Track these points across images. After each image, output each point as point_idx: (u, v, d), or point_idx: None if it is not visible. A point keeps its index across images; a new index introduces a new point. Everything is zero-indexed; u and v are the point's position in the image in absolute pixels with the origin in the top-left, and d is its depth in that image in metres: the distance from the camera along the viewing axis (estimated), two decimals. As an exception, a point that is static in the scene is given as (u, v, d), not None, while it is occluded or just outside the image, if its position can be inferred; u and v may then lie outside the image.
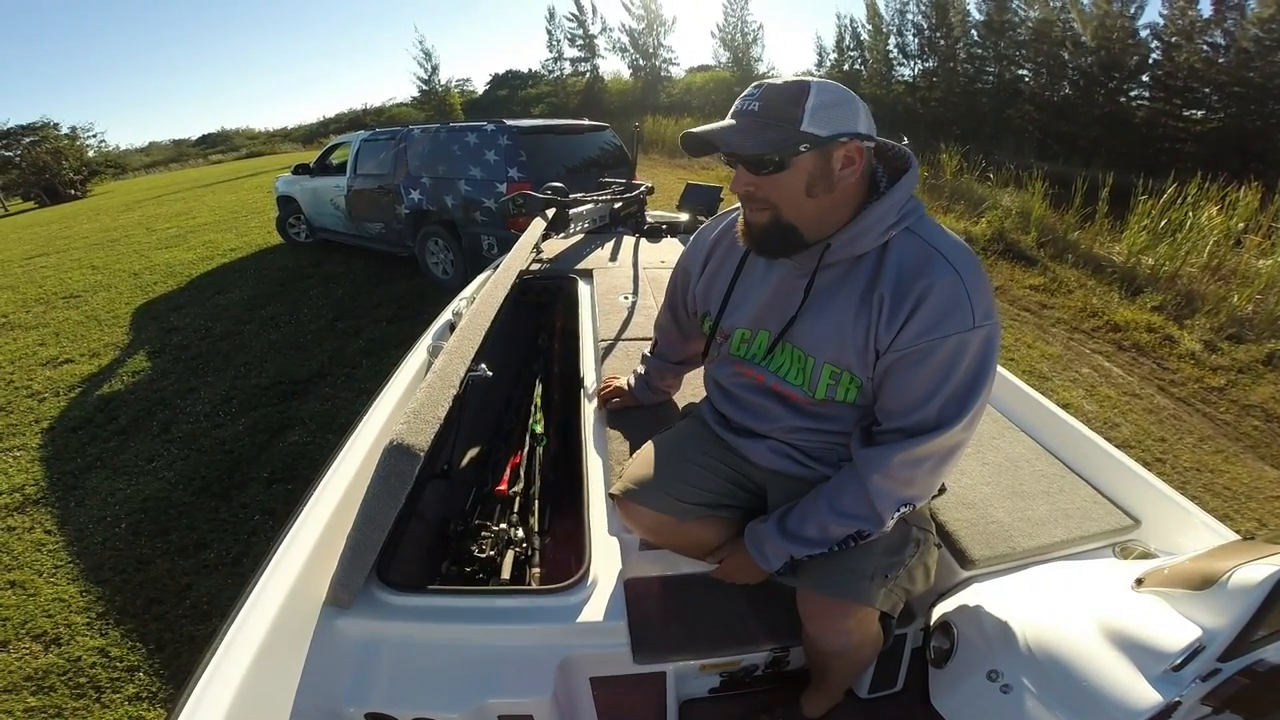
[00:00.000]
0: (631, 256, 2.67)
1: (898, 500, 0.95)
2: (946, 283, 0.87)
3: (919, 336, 0.88)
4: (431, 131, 5.32)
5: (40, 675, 1.97)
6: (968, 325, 0.86)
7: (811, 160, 0.88)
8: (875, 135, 0.91)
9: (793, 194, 0.91)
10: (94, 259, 8.18)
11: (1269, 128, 11.44)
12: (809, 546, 1.01)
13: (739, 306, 1.11)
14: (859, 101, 0.90)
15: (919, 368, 0.89)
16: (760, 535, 1.07)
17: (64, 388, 4.15)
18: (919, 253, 0.91)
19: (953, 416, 0.89)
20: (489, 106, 28.23)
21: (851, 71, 20.47)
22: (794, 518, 1.03)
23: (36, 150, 26.22)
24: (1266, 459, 3.17)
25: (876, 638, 1.09)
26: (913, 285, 0.88)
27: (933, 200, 8.49)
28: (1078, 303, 5.12)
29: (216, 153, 42.00)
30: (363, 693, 0.95)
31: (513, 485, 1.55)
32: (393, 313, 5.01)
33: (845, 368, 0.98)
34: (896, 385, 0.93)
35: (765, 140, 0.87)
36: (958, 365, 0.88)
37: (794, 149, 0.87)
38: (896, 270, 0.91)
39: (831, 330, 0.97)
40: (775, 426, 1.11)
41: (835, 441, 1.08)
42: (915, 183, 0.94)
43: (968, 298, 0.87)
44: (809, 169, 0.89)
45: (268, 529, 2.57)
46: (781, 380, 1.06)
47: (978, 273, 0.89)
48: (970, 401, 0.89)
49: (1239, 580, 0.76)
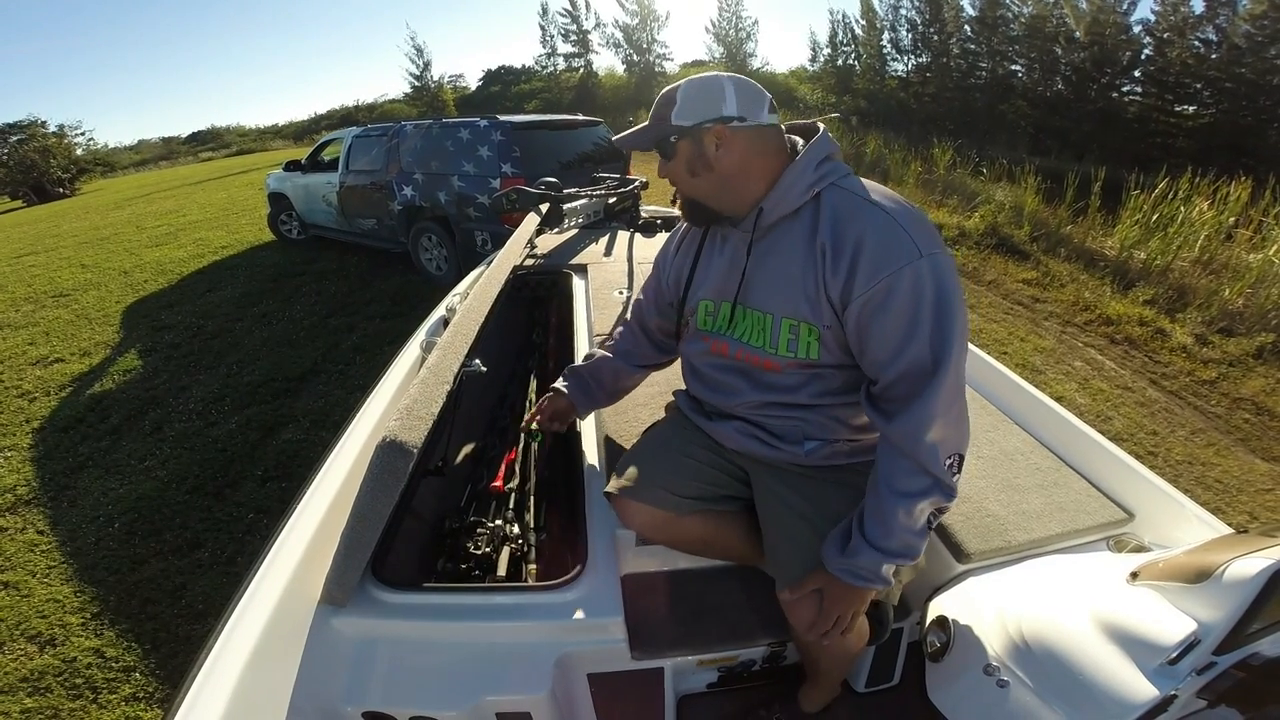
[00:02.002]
0: (626, 251, 2.66)
1: (944, 457, 0.94)
2: (878, 223, 0.93)
3: (871, 278, 0.91)
4: (424, 127, 5.29)
5: (36, 676, 1.96)
6: (914, 255, 0.90)
7: (686, 146, 1.02)
8: (749, 114, 1.00)
9: (680, 175, 1.06)
10: (84, 257, 8.11)
11: (1260, 123, 11.48)
12: (910, 548, 0.96)
13: (701, 282, 1.18)
14: (725, 88, 0.99)
15: (886, 309, 0.92)
16: (855, 566, 0.97)
17: (55, 387, 4.11)
18: (849, 201, 0.98)
19: (942, 347, 0.91)
20: (482, 102, 28.07)
21: (845, 67, 20.45)
22: (874, 529, 0.96)
23: (24, 148, 25.88)
24: (1257, 452, 3.20)
25: (860, 630, 1.09)
26: (847, 231, 0.94)
27: (926, 195, 8.51)
28: (1070, 297, 5.15)
29: (207, 150, 41.62)
30: (359, 691, 0.95)
31: (508, 481, 1.55)
32: (386, 309, 4.99)
33: (800, 319, 1.01)
34: (875, 333, 0.94)
35: (647, 138, 1.06)
36: (922, 296, 0.91)
37: (667, 139, 1.03)
38: (831, 218, 0.97)
39: (780, 284, 1.03)
40: (739, 402, 1.14)
41: (798, 417, 1.09)
42: (826, 144, 1.03)
43: (904, 231, 0.92)
44: (686, 154, 1.03)
45: (262, 527, 2.56)
46: (746, 346, 1.09)
47: (910, 212, 0.95)
48: (950, 328, 0.92)
49: (1234, 574, 0.77)
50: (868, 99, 17.99)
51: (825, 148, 1.02)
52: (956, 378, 0.93)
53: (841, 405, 1.07)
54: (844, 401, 1.07)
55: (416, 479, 1.39)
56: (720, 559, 1.30)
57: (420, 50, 27.78)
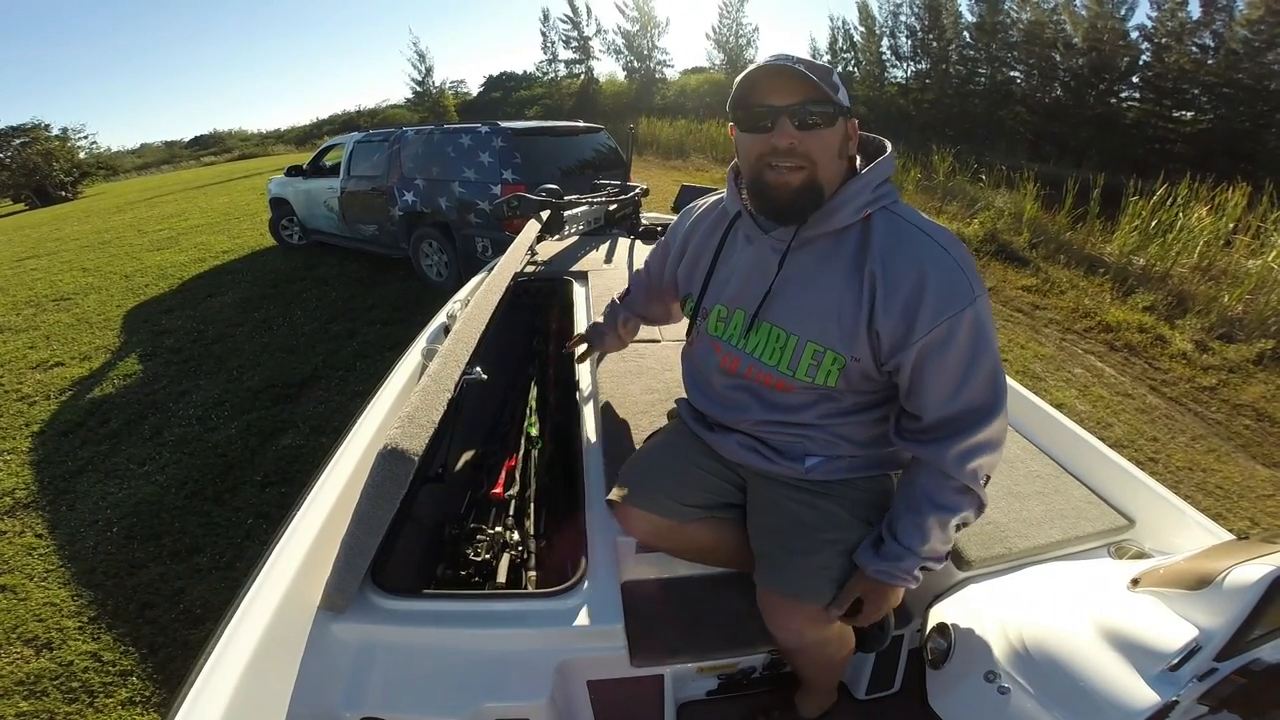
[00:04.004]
0: (626, 258, 2.67)
1: (983, 477, 0.97)
2: (941, 263, 0.89)
3: (933, 321, 0.88)
4: (425, 133, 5.30)
5: (32, 680, 1.95)
6: (971, 298, 0.89)
7: (844, 124, 0.92)
8: None
9: (832, 153, 0.92)
10: (85, 261, 8.12)
11: (1257, 128, 11.53)
12: (943, 545, 1.00)
13: (718, 284, 1.11)
14: (839, 84, 0.92)
15: (945, 352, 0.90)
16: (889, 569, 0.98)
17: (55, 391, 4.11)
18: (905, 230, 0.92)
19: (998, 385, 0.92)
20: (483, 108, 28.20)
21: (844, 74, 20.53)
22: (910, 533, 0.97)
23: (27, 152, 25.94)
24: (1258, 458, 3.20)
25: (842, 636, 1.09)
26: (906, 264, 0.90)
27: (926, 201, 8.52)
28: (1070, 303, 5.15)
29: (209, 154, 41.78)
30: (358, 698, 0.95)
31: (508, 488, 1.55)
32: (387, 315, 4.98)
33: (828, 346, 0.96)
34: (931, 375, 0.92)
35: (820, 89, 0.87)
36: (978, 339, 0.90)
37: (840, 105, 0.89)
38: (884, 247, 0.92)
39: (815, 307, 0.97)
40: (743, 418, 1.11)
41: (801, 435, 1.07)
42: (893, 166, 0.97)
43: (962, 271, 0.89)
44: (843, 131, 0.92)
45: (261, 532, 2.56)
46: (759, 364, 1.04)
47: (961, 248, 0.92)
48: (999, 366, 0.93)
49: (1235, 580, 0.77)
50: (867, 105, 18.03)
51: (888, 168, 0.96)
52: (1006, 416, 0.95)
53: (847, 424, 1.05)
54: (850, 420, 1.05)
55: (417, 486, 1.39)
56: (721, 566, 1.29)
57: (423, 55, 28.00)
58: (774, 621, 1.06)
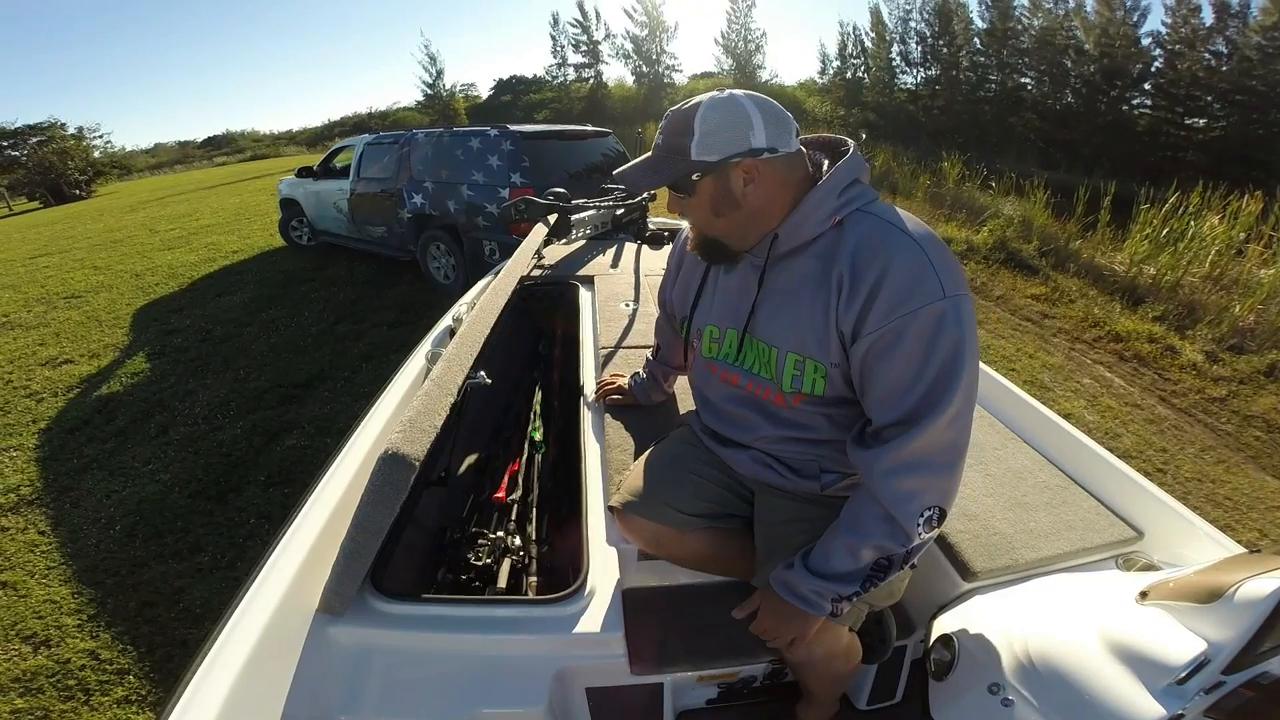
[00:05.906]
0: (633, 263, 2.67)
1: (918, 508, 0.88)
2: (907, 256, 0.85)
3: (888, 315, 0.84)
4: (435, 136, 5.33)
5: (28, 677, 1.96)
6: (938, 295, 0.83)
7: (710, 184, 0.92)
8: (780, 144, 0.90)
9: (702, 215, 0.97)
10: (96, 259, 8.20)
11: (1271, 136, 11.45)
12: (845, 581, 0.94)
13: (707, 306, 1.13)
14: (752, 115, 0.88)
15: (895, 349, 0.85)
16: (791, 580, 0.97)
17: (63, 388, 4.14)
18: (876, 228, 0.89)
19: (943, 394, 0.84)
20: (493, 111, 28.34)
21: (854, 79, 20.53)
22: (817, 553, 0.97)
23: (43, 150, 26.30)
24: (1268, 470, 3.16)
25: (846, 650, 1.08)
26: (871, 260, 0.86)
27: (934, 209, 8.50)
28: (1079, 312, 5.11)
29: (221, 155, 42.20)
30: (354, 702, 0.94)
31: (510, 493, 1.54)
32: (393, 317, 5.00)
33: (807, 355, 0.96)
34: (879, 371, 0.88)
35: (662, 176, 0.93)
36: (937, 341, 0.84)
37: (688, 179, 0.92)
38: (854, 247, 0.89)
39: (789, 319, 0.97)
40: (755, 436, 1.11)
41: (815, 453, 1.06)
42: (857, 166, 0.94)
43: (931, 268, 0.84)
44: (710, 192, 0.93)
45: (264, 533, 2.56)
46: (755, 378, 1.05)
47: (940, 247, 0.87)
48: (957, 377, 0.84)
49: (1246, 594, 0.75)
50: (876, 111, 18.04)
51: (853, 170, 0.93)
52: (953, 431, 0.87)
53: None
54: None
55: (418, 489, 1.38)
56: (723, 575, 1.28)
57: (434, 58, 28.22)
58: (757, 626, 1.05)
